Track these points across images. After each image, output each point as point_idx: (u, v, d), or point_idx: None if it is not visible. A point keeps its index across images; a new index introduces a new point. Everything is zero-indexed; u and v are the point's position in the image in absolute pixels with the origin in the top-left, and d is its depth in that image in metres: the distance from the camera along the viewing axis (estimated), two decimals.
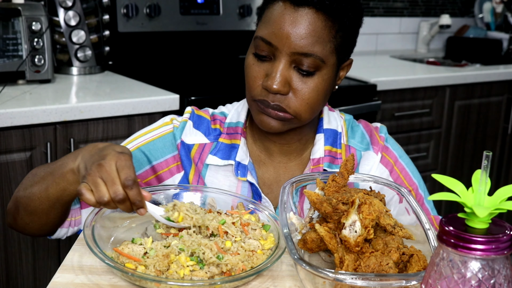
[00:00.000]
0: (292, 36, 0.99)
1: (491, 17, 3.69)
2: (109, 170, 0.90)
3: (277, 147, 1.14)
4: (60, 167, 1.00)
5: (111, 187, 0.89)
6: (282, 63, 1.01)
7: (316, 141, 1.15)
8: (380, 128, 1.20)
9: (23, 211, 1.05)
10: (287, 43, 0.99)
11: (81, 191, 0.90)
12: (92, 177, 0.90)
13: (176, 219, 0.91)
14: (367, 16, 3.41)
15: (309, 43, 0.99)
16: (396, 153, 1.18)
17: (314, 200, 0.85)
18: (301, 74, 1.02)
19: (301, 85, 1.02)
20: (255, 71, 1.04)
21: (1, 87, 1.84)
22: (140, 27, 2.41)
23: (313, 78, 1.03)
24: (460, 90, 2.80)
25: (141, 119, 1.89)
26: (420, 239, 0.86)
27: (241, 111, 1.17)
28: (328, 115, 1.18)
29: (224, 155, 1.13)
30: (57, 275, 0.82)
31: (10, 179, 1.72)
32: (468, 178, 0.64)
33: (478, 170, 0.61)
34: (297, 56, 1.00)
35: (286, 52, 1.00)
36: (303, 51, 0.99)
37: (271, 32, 1.01)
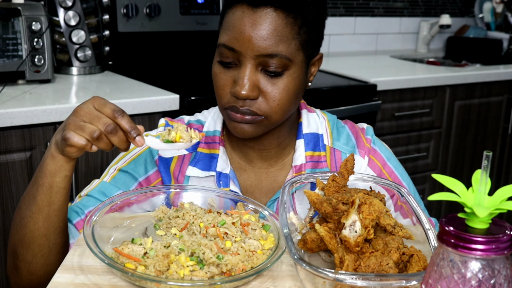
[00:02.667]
0: (254, 39, 0.96)
1: (491, 17, 3.69)
2: (89, 111, 0.89)
3: (256, 153, 1.13)
4: (38, 170, 0.98)
5: (98, 122, 0.87)
6: (248, 68, 0.98)
7: (296, 147, 1.12)
8: (367, 130, 1.17)
9: (21, 248, 1.00)
10: (249, 46, 0.97)
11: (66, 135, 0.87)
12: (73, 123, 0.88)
13: (174, 138, 0.92)
14: (367, 16, 3.41)
15: (272, 44, 0.97)
16: (383, 155, 1.15)
17: (314, 200, 0.85)
18: (269, 76, 0.99)
19: (270, 87, 1.00)
20: (222, 79, 1.02)
21: (1, 87, 1.84)
22: (140, 27, 2.41)
23: (282, 79, 1.00)
24: (460, 90, 2.80)
25: (141, 119, 1.89)
26: (420, 239, 0.86)
27: (217, 119, 1.15)
28: (308, 118, 1.15)
29: (205, 165, 1.11)
30: (57, 275, 0.82)
31: (10, 179, 1.72)
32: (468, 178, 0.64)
33: (478, 170, 0.61)
34: (262, 58, 0.97)
35: (250, 55, 0.97)
36: (267, 52, 0.97)
37: (232, 37, 0.98)
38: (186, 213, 0.94)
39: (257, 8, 0.97)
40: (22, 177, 1.74)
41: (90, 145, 0.89)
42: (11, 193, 1.73)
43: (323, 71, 2.69)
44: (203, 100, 1.95)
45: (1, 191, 1.72)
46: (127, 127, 0.90)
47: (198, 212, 0.94)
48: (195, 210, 0.95)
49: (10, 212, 1.74)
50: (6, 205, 1.73)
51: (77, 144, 0.88)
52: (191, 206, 0.98)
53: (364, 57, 3.25)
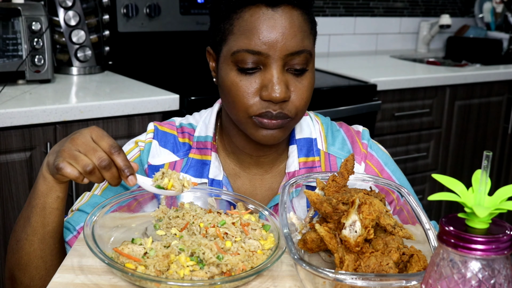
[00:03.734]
0: (283, 39, 0.95)
1: (491, 17, 3.69)
2: (86, 141, 0.87)
3: (252, 160, 1.10)
4: (32, 192, 0.95)
5: (93, 155, 0.85)
6: (277, 69, 0.96)
7: (290, 154, 1.10)
8: (363, 133, 1.14)
9: (18, 271, 0.98)
10: (278, 47, 0.95)
11: (59, 165, 0.85)
12: (68, 151, 0.86)
13: (166, 186, 0.91)
14: (367, 16, 3.41)
15: (299, 39, 0.97)
16: (381, 160, 1.12)
17: (314, 200, 0.85)
18: (295, 74, 0.99)
19: (299, 85, 0.99)
20: (245, 87, 0.97)
21: (1, 87, 1.84)
22: (140, 27, 2.41)
23: (305, 76, 1.00)
24: (460, 90, 2.80)
25: (141, 119, 1.89)
26: (420, 239, 0.86)
27: (209, 124, 1.11)
28: (300, 122, 1.12)
29: (196, 172, 1.08)
30: (57, 275, 0.82)
31: (10, 179, 1.72)
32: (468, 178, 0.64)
33: (478, 170, 0.61)
34: (289, 57, 0.97)
35: (279, 56, 0.96)
36: (295, 49, 0.96)
37: (257, 40, 0.95)
38: (186, 213, 0.94)
39: (277, 8, 0.96)
40: (22, 177, 1.74)
41: (82, 178, 0.87)
42: (11, 193, 1.73)
43: (323, 71, 2.69)
44: (203, 100, 1.95)
45: (1, 191, 1.72)
46: (122, 165, 0.87)
47: (198, 212, 0.94)
48: (195, 210, 0.95)
49: (10, 212, 1.74)
50: (6, 205, 1.73)
51: (69, 176, 0.86)
52: (191, 206, 0.98)
53: (364, 57, 3.25)
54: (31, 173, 1.75)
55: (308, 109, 1.17)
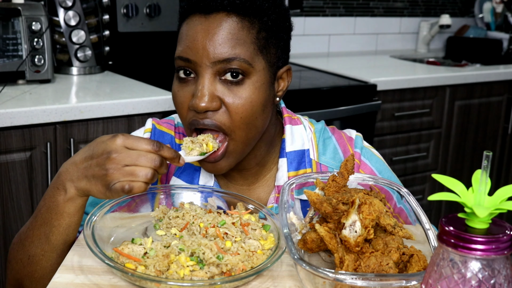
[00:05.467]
0: (209, 45, 0.92)
1: (491, 17, 3.69)
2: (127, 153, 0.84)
3: (236, 172, 1.08)
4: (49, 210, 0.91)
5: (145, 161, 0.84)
6: (206, 77, 0.93)
7: (279, 166, 1.07)
8: (355, 141, 1.10)
9: (29, 282, 0.95)
10: (205, 54, 0.92)
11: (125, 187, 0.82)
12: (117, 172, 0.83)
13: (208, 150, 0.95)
14: (367, 16, 3.41)
15: (228, 47, 0.92)
16: (374, 168, 1.09)
17: (314, 200, 0.85)
18: (229, 85, 0.94)
19: (232, 97, 0.93)
20: (181, 96, 0.96)
21: (1, 87, 1.84)
22: (140, 27, 2.41)
23: (244, 87, 0.94)
24: (460, 90, 2.80)
25: (141, 119, 1.89)
26: (420, 239, 0.86)
27: None
28: (292, 133, 1.08)
29: (188, 177, 1.07)
30: (57, 275, 0.82)
31: (10, 179, 1.72)
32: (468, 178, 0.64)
33: (478, 170, 0.61)
34: (220, 64, 0.92)
35: (207, 64, 0.92)
36: (224, 56, 0.92)
37: (186, 47, 0.94)
38: (186, 213, 0.94)
39: (209, 15, 0.94)
40: (22, 177, 1.74)
41: (147, 187, 0.86)
42: (11, 193, 1.73)
43: (323, 71, 2.69)
44: None
45: (1, 191, 1.72)
46: (170, 155, 0.87)
47: (198, 212, 0.94)
48: (195, 210, 0.95)
49: (10, 212, 1.74)
50: (6, 205, 1.73)
51: (140, 191, 0.85)
52: (191, 206, 0.98)
53: (364, 57, 3.25)
54: (31, 173, 1.75)
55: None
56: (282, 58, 1.01)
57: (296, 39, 3.15)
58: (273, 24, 0.97)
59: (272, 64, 0.98)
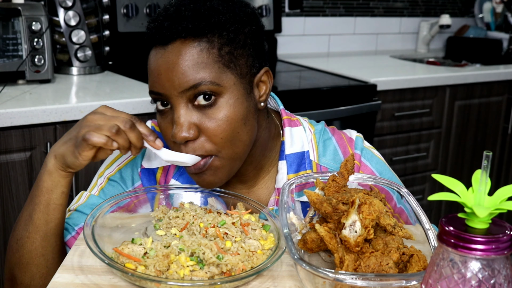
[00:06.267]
0: (172, 76, 0.91)
1: (491, 17, 3.69)
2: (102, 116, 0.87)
3: (233, 178, 1.05)
4: (34, 188, 0.95)
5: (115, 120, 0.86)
6: (179, 107, 0.92)
7: (279, 169, 1.06)
8: (356, 142, 1.10)
9: (18, 271, 0.97)
10: (171, 85, 0.91)
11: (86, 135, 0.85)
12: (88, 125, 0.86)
13: None
14: (367, 16, 3.41)
15: (191, 74, 0.90)
16: (375, 169, 1.09)
17: (314, 200, 0.85)
18: (203, 109, 0.92)
19: (208, 121, 0.92)
20: (163, 128, 0.96)
21: (1, 87, 1.84)
22: (140, 27, 2.41)
23: (218, 108, 0.92)
24: (460, 90, 2.80)
25: (141, 119, 1.89)
26: (420, 239, 0.86)
27: None
28: (291, 135, 1.07)
29: (187, 179, 1.07)
30: (57, 275, 0.82)
31: (10, 179, 1.72)
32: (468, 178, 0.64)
33: (478, 170, 0.61)
34: (188, 92, 0.91)
35: (175, 94, 0.91)
36: (190, 84, 0.90)
37: (153, 82, 0.94)
38: (186, 213, 0.94)
39: (167, 45, 0.92)
40: (22, 177, 1.74)
41: (110, 142, 0.87)
42: (11, 193, 1.73)
43: (323, 71, 2.69)
44: None
45: (1, 191, 1.72)
46: (146, 131, 0.88)
47: (198, 212, 0.95)
48: (195, 210, 0.95)
49: (10, 212, 1.74)
50: (6, 205, 1.73)
51: (98, 143, 0.86)
52: (191, 206, 0.98)
53: (364, 57, 3.25)
54: (31, 173, 1.75)
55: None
56: (255, 64, 0.98)
57: (296, 39, 3.15)
58: (235, 35, 0.94)
59: (244, 75, 0.95)
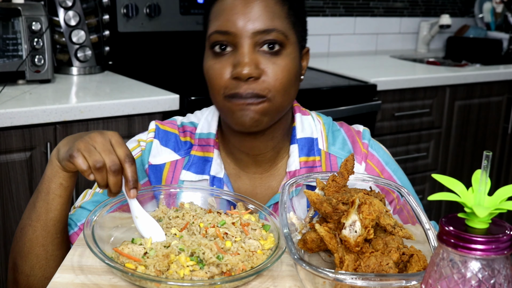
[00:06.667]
0: (249, 17, 0.97)
1: (491, 17, 3.69)
2: (104, 142, 0.88)
3: (250, 159, 1.09)
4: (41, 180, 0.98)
5: (107, 156, 0.87)
6: (246, 47, 0.97)
7: (290, 153, 1.09)
8: (363, 133, 1.14)
9: (19, 259, 0.99)
10: (245, 25, 0.97)
11: (73, 154, 0.87)
12: (85, 144, 0.88)
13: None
14: (367, 16, 3.41)
15: (267, 19, 0.97)
16: (381, 159, 1.12)
17: (314, 200, 0.85)
18: (268, 55, 0.98)
19: (271, 65, 0.98)
20: (218, 68, 0.99)
21: (1, 87, 1.84)
22: (140, 27, 2.41)
23: (281, 57, 0.99)
24: (460, 90, 2.80)
25: (141, 119, 1.89)
26: (420, 239, 0.86)
27: (212, 121, 1.12)
28: (302, 121, 1.12)
29: (198, 169, 1.09)
30: (57, 275, 0.82)
31: (10, 179, 1.72)
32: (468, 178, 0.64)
33: (478, 170, 0.61)
34: (259, 35, 0.97)
35: (247, 35, 0.97)
36: (264, 27, 0.97)
37: (226, 20, 0.98)
38: (186, 213, 0.94)
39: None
40: (22, 177, 1.74)
41: (89, 172, 0.88)
42: (11, 193, 1.73)
43: (323, 71, 2.69)
44: (203, 100, 1.95)
45: (1, 191, 1.72)
46: (130, 176, 0.89)
47: (198, 212, 0.95)
48: (195, 210, 0.95)
49: (10, 212, 1.74)
50: (6, 205, 1.73)
51: (78, 166, 0.88)
52: (191, 206, 0.98)
53: (364, 57, 3.25)
54: (31, 173, 1.75)
55: (308, 109, 1.17)
56: (304, 38, 1.07)
57: None
58: (298, 6, 1.03)
59: (300, 40, 1.04)
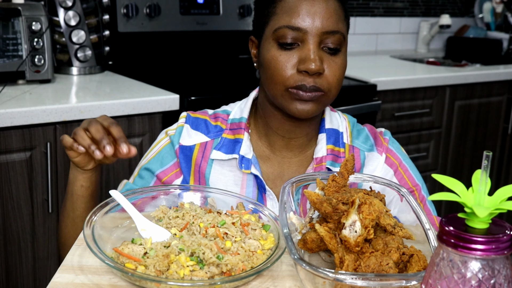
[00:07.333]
0: (320, 16, 1.04)
1: (491, 17, 3.69)
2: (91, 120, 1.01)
3: (283, 142, 1.16)
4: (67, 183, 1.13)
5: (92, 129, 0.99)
6: (313, 45, 1.05)
7: (318, 141, 1.16)
8: (385, 132, 1.23)
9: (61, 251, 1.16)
10: (315, 25, 1.04)
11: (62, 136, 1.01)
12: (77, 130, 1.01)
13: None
14: (367, 16, 3.41)
15: (334, 21, 1.05)
16: (400, 156, 1.20)
17: (314, 200, 0.85)
18: (329, 53, 1.06)
19: (332, 63, 1.06)
20: (285, 60, 1.06)
21: (1, 87, 1.84)
22: (140, 27, 2.41)
23: (339, 56, 1.08)
24: (460, 90, 2.80)
25: (141, 119, 1.89)
26: (420, 239, 0.86)
27: (244, 108, 1.19)
28: (330, 115, 1.19)
29: (228, 149, 1.15)
30: (57, 275, 0.82)
31: (10, 179, 1.72)
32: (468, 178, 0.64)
33: (478, 170, 0.61)
34: (325, 35, 1.05)
35: (316, 33, 1.04)
36: (331, 29, 1.05)
37: (297, 17, 1.04)
38: (186, 213, 0.94)
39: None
40: (22, 177, 1.74)
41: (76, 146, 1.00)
42: (11, 193, 1.73)
43: None
44: (203, 100, 1.95)
45: (1, 191, 1.72)
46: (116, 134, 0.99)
47: (198, 212, 0.95)
48: (195, 210, 0.95)
49: (10, 212, 1.74)
50: (6, 205, 1.73)
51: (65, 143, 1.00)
52: (191, 206, 0.98)
53: (364, 57, 3.25)
54: (31, 173, 1.75)
55: None
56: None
57: None
58: (347, 13, 1.12)
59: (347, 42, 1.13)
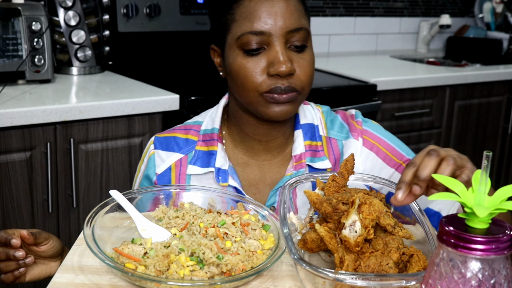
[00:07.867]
0: (281, 17, 1.02)
1: (491, 17, 3.69)
2: None
3: (261, 146, 1.15)
4: None
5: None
6: (280, 46, 1.03)
7: (295, 138, 1.15)
8: (356, 114, 1.21)
9: None
10: (278, 24, 1.02)
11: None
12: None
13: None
14: (367, 16, 3.41)
15: (297, 18, 1.04)
16: (377, 133, 1.18)
17: (314, 200, 0.85)
18: (296, 51, 1.05)
19: (301, 61, 1.05)
20: (253, 67, 1.04)
21: (1, 87, 1.84)
22: (140, 27, 2.41)
23: (307, 52, 1.06)
24: (460, 90, 2.80)
25: (141, 119, 1.89)
26: (420, 239, 0.86)
27: (215, 118, 1.17)
28: (304, 109, 1.18)
29: (203, 162, 1.14)
30: (57, 275, 0.82)
31: (10, 179, 1.72)
32: None
33: (478, 170, 0.61)
34: (290, 34, 1.03)
35: (280, 33, 1.02)
36: (295, 26, 1.03)
37: (258, 21, 1.02)
38: (186, 213, 0.94)
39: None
40: (22, 177, 1.74)
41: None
42: (11, 193, 1.73)
43: (323, 71, 2.69)
44: (203, 100, 1.95)
45: (1, 191, 1.72)
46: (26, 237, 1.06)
47: (198, 212, 0.95)
48: (195, 210, 0.95)
49: (10, 212, 1.74)
50: (6, 205, 1.73)
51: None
52: (191, 206, 0.98)
53: (364, 57, 3.25)
54: (31, 173, 1.75)
55: None
56: None
57: None
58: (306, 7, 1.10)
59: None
